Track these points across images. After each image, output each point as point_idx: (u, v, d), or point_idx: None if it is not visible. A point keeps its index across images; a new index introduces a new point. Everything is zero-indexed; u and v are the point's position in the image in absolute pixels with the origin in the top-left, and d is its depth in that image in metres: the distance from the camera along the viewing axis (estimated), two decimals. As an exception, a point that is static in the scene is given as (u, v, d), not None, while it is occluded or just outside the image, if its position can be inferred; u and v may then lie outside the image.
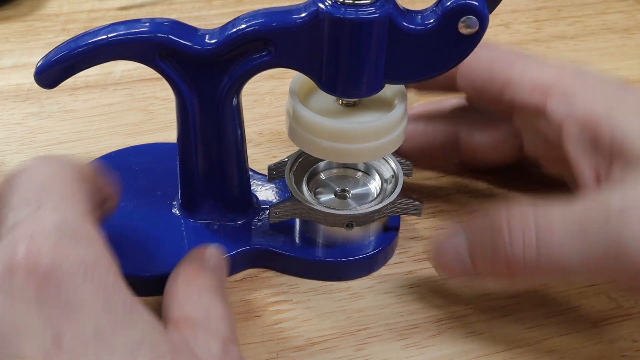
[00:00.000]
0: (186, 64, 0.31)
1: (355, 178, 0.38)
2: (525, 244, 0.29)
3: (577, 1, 0.61)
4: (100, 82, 0.50)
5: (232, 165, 0.35)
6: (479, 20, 0.29)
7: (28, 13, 0.59)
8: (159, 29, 0.30)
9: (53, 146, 0.44)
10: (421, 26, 0.29)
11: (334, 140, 0.32)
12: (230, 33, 0.30)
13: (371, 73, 0.30)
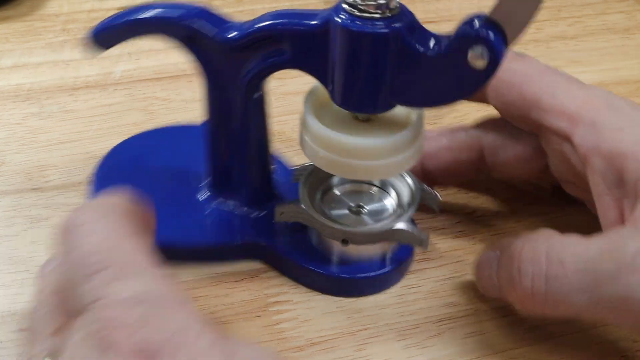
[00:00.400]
0: (210, 51, 0.32)
1: (371, 193, 0.37)
2: (534, 276, 0.29)
3: (577, 1, 0.61)
4: (100, 82, 0.50)
5: (254, 158, 0.35)
6: (490, 53, 0.27)
7: (28, 13, 0.59)
8: (187, 15, 0.32)
9: (53, 146, 0.44)
10: (431, 49, 0.29)
11: (341, 156, 0.31)
12: (248, 28, 0.31)
13: (377, 88, 0.30)
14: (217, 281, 0.36)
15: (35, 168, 0.43)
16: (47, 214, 0.39)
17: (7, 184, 0.41)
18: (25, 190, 0.41)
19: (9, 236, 0.38)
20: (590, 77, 0.51)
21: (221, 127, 0.35)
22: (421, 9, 0.60)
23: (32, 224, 0.39)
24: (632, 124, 0.31)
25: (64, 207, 0.40)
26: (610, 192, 0.30)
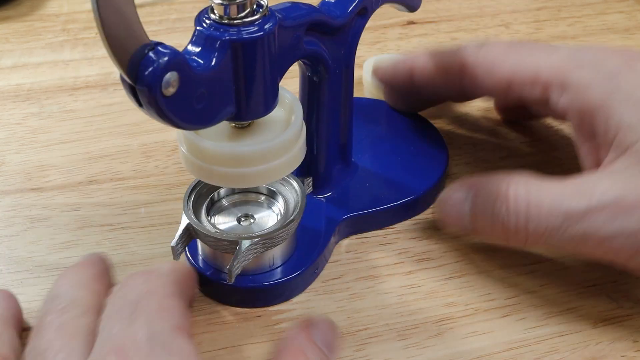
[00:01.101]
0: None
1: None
2: (518, 217, 0.32)
3: (577, 1, 0.61)
4: (100, 82, 0.50)
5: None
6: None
7: (28, 13, 0.59)
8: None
9: (53, 146, 0.44)
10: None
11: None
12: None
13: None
14: (217, 281, 0.36)
15: (35, 168, 0.43)
16: (47, 214, 0.39)
17: (7, 184, 0.41)
18: (25, 190, 0.41)
19: (9, 236, 0.38)
20: (590, 77, 0.51)
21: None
22: (421, 9, 0.59)
23: (32, 224, 0.39)
24: (597, 78, 0.33)
25: (63, 207, 0.40)
26: (587, 143, 0.34)
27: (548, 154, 0.44)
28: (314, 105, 0.36)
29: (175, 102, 0.26)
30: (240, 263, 0.32)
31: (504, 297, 0.35)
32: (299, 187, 0.35)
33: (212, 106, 0.28)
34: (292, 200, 0.35)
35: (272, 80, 0.30)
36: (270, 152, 0.30)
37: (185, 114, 0.27)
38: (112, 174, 0.42)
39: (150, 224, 0.39)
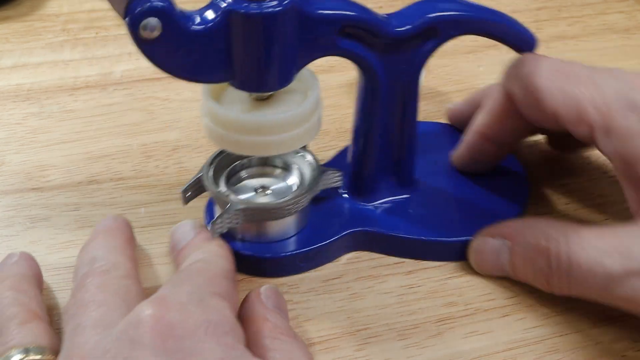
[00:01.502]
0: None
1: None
2: (561, 274, 0.32)
3: (577, 1, 0.61)
4: (100, 82, 0.50)
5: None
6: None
7: (28, 13, 0.59)
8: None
9: (53, 146, 0.44)
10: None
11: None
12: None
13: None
14: (217, 281, 0.35)
15: (35, 168, 0.43)
16: (47, 214, 0.39)
17: (7, 184, 0.41)
18: (25, 190, 0.41)
19: (9, 236, 0.38)
20: (590, 77, 0.51)
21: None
22: (421, 9, 0.60)
23: (32, 224, 0.39)
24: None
25: (64, 207, 0.40)
26: (631, 189, 0.33)
27: (547, 153, 0.44)
28: (366, 111, 0.35)
29: (158, 48, 0.29)
30: (224, 222, 0.34)
31: (504, 297, 0.35)
32: (315, 163, 0.37)
33: (202, 65, 0.30)
34: (308, 174, 0.37)
35: (272, 59, 0.30)
36: (286, 122, 0.32)
37: (169, 62, 0.29)
38: (112, 174, 0.42)
39: (150, 224, 0.39)
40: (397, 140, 0.36)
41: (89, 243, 0.34)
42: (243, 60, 0.30)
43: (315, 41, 0.31)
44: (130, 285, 0.31)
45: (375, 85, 0.34)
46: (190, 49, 0.29)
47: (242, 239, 0.36)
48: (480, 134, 0.39)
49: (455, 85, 0.50)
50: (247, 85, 0.31)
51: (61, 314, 0.31)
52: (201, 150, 0.44)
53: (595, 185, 0.41)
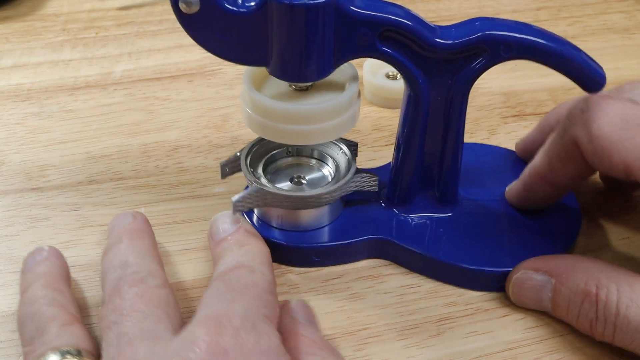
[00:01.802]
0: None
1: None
2: (607, 322, 0.31)
3: (577, 1, 0.61)
4: (100, 82, 0.50)
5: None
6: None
7: (28, 13, 0.59)
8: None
9: (53, 146, 0.44)
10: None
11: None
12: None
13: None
14: (217, 281, 0.36)
15: (35, 168, 0.43)
16: (47, 214, 0.39)
17: (7, 184, 0.41)
18: (25, 190, 0.41)
19: (9, 236, 0.38)
20: (590, 77, 0.51)
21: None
22: (421, 9, 0.60)
23: (32, 224, 0.39)
24: None
25: (64, 207, 0.40)
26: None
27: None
28: (408, 119, 0.35)
29: (196, 22, 0.30)
30: (245, 202, 0.35)
31: (504, 297, 0.35)
32: (349, 152, 0.37)
33: (238, 46, 0.31)
34: (343, 163, 0.37)
35: (306, 51, 0.30)
36: (322, 113, 0.33)
37: (207, 38, 0.30)
38: (112, 174, 0.42)
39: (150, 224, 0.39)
40: (438, 154, 0.36)
41: (114, 245, 0.33)
42: (278, 47, 0.31)
43: (354, 40, 0.31)
44: (168, 296, 0.31)
45: (417, 95, 0.33)
46: (227, 29, 0.30)
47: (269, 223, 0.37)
48: (539, 176, 0.36)
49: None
50: (281, 73, 0.32)
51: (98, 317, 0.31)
52: (201, 150, 0.44)
53: (594, 185, 0.41)
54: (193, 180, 0.42)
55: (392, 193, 0.37)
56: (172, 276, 0.36)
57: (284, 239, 0.36)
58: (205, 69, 0.51)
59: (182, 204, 0.40)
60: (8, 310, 0.34)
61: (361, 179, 0.36)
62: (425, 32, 0.31)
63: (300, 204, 0.35)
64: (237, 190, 0.39)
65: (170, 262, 0.36)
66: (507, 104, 0.48)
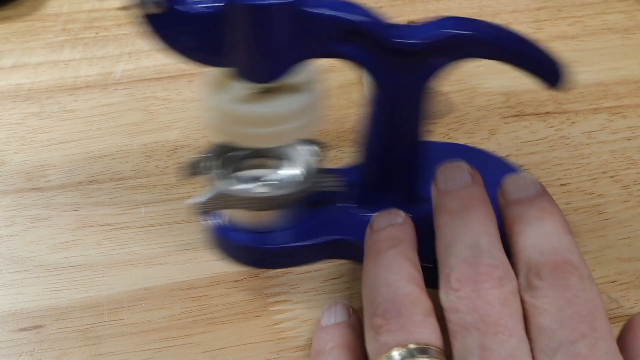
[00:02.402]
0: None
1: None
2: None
3: (577, 1, 0.61)
4: (100, 82, 0.50)
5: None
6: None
7: (28, 13, 0.59)
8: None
9: (53, 146, 0.44)
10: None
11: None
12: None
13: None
14: (217, 281, 0.36)
15: (35, 168, 0.43)
16: (47, 214, 0.39)
17: (7, 184, 0.41)
18: (25, 190, 0.41)
19: (9, 236, 0.38)
20: (590, 77, 0.51)
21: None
22: (421, 9, 0.60)
23: (32, 224, 0.39)
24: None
25: (64, 207, 0.40)
26: None
27: (547, 154, 0.44)
28: (368, 117, 0.34)
29: (161, 24, 0.30)
30: (208, 205, 0.35)
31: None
32: (313, 151, 0.37)
33: (202, 47, 0.31)
34: (307, 163, 0.37)
35: (264, 51, 0.30)
36: (281, 115, 0.32)
37: (171, 40, 0.30)
38: (112, 174, 0.42)
39: (150, 224, 0.39)
40: (402, 154, 0.35)
41: (460, 213, 0.29)
42: (237, 48, 0.30)
43: (312, 41, 0.31)
44: (520, 306, 0.27)
45: (378, 94, 0.33)
46: (189, 30, 0.30)
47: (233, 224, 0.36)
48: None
49: (456, 85, 0.50)
50: (240, 73, 0.31)
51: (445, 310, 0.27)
52: (201, 150, 0.44)
53: (595, 185, 0.42)
54: (193, 180, 0.42)
55: (357, 193, 0.37)
56: (172, 276, 0.36)
57: (247, 240, 0.36)
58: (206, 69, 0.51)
59: (182, 204, 0.40)
60: (8, 310, 0.34)
61: (325, 180, 0.36)
62: (383, 32, 0.31)
63: (264, 205, 0.35)
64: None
65: (170, 262, 0.36)
66: (507, 104, 0.48)
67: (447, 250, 0.28)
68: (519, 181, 0.31)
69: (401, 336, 0.26)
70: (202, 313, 0.34)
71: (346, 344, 0.29)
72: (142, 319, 0.34)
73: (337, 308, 0.32)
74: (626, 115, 0.47)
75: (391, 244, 0.30)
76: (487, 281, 0.27)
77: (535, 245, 0.28)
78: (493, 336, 0.25)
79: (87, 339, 0.33)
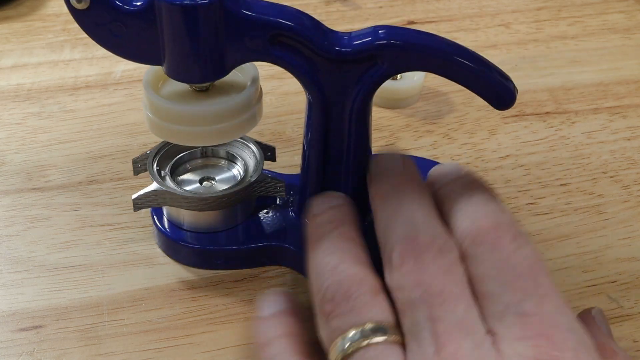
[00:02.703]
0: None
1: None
2: None
3: (577, 1, 0.61)
4: (100, 82, 0.50)
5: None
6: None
7: (28, 13, 0.59)
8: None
9: (53, 146, 0.44)
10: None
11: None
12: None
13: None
14: (217, 281, 0.36)
15: (35, 168, 0.43)
16: (47, 214, 0.39)
17: (7, 184, 0.41)
18: (25, 190, 0.41)
19: (9, 236, 0.38)
20: (590, 77, 0.51)
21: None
22: (421, 9, 0.60)
23: (32, 224, 0.39)
24: None
25: (64, 207, 0.40)
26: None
27: (547, 154, 0.44)
28: (307, 125, 0.33)
29: (88, 19, 0.30)
30: (144, 200, 0.35)
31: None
32: (259, 154, 0.37)
33: (132, 44, 0.30)
34: (252, 165, 0.37)
35: (194, 52, 0.30)
36: (219, 113, 0.32)
37: (101, 36, 0.30)
38: (112, 174, 0.42)
39: (150, 224, 0.39)
40: (344, 162, 0.34)
41: (393, 199, 0.29)
42: (166, 47, 0.30)
43: (244, 43, 0.30)
44: (464, 273, 0.26)
45: (315, 100, 0.32)
46: (118, 26, 0.30)
47: (177, 224, 0.37)
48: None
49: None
50: (172, 73, 0.31)
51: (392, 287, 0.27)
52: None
53: (595, 185, 0.42)
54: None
55: (299, 201, 0.36)
56: (171, 276, 0.36)
57: (188, 240, 0.36)
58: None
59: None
60: (8, 310, 0.34)
61: (266, 184, 0.36)
62: (318, 37, 0.30)
63: (199, 205, 0.35)
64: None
65: (170, 262, 0.36)
66: (507, 104, 0.48)
67: (385, 232, 0.28)
68: (442, 168, 0.31)
69: (352, 318, 0.26)
70: (202, 313, 0.34)
71: (290, 332, 0.29)
72: (142, 319, 0.34)
73: (276, 297, 0.31)
74: (626, 115, 0.47)
75: (332, 227, 0.30)
76: (428, 252, 0.26)
77: (466, 217, 0.28)
78: (440, 306, 0.25)
79: (87, 339, 0.33)
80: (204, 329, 0.33)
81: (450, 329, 0.24)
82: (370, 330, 0.25)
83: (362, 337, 0.25)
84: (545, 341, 0.24)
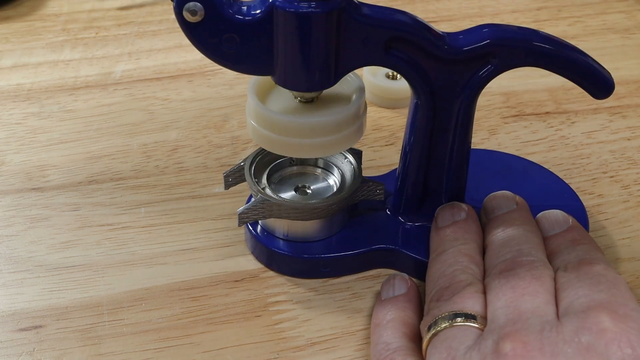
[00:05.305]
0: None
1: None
2: None
3: (577, 1, 0.61)
4: (100, 82, 0.50)
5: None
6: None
7: (28, 13, 0.59)
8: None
9: (53, 146, 0.44)
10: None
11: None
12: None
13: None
14: (217, 281, 0.36)
15: (35, 168, 0.43)
16: (47, 214, 0.39)
17: (7, 184, 0.41)
18: (25, 190, 0.41)
19: (9, 236, 0.38)
20: (590, 77, 0.51)
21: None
22: (421, 9, 0.60)
23: (32, 224, 0.39)
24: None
25: (64, 207, 0.40)
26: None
27: (547, 154, 0.44)
28: (413, 127, 0.34)
29: (200, 32, 0.29)
30: (250, 214, 0.34)
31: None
32: (353, 159, 0.37)
33: (244, 56, 0.30)
34: (349, 175, 0.37)
35: (312, 59, 0.30)
36: (328, 126, 0.32)
37: (211, 47, 0.30)
38: (112, 174, 0.42)
39: (150, 224, 0.39)
40: (445, 162, 0.35)
41: (506, 230, 0.33)
42: (283, 56, 0.30)
43: (360, 48, 0.31)
44: (543, 269, 0.30)
45: (424, 102, 0.33)
46: (232, 38, 0.30)
47: (274, 234, 0.36)
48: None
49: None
50: (286, 82, 0.31)
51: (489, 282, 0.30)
52: (201, 150, 0.44)
53: (595, 185, 0.42)
54: (193, 180, 0.42)
55: (398, 201, 0.37)
56: (171, 276, 0.36)
57: (290, 250, 0.36)
58: (205, 69, 0.51)
59: (182, 204, 0.40)
60: (8, 310, 0.34)
61: (367, 188, 0.36)
62: (433, 39, 0.31)
63: (306, 214, 0.35)
64: (236, 191, 0.39)
65: (170, 262, 0.36)
66: (507, 104, 0.48)
67: (494, 260, 0.32)
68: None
69: (448, 307, 0.29)
70: (202, 313, 0.34)
71: (403, 318, 0.32)
72: (142, 319, 0.34)
73: (396, 281, 0.34)
74: (626, 115, 0.47)
75: (453, 244, 0.33)
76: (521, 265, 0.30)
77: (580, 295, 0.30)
78: (520, 295, 0.28)
79: (87, 339, 0.33)
80: (203, 329, 0.33)
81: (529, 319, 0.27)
82: (458, 315, 0.29)
83: (450, 318, 0.29)
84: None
